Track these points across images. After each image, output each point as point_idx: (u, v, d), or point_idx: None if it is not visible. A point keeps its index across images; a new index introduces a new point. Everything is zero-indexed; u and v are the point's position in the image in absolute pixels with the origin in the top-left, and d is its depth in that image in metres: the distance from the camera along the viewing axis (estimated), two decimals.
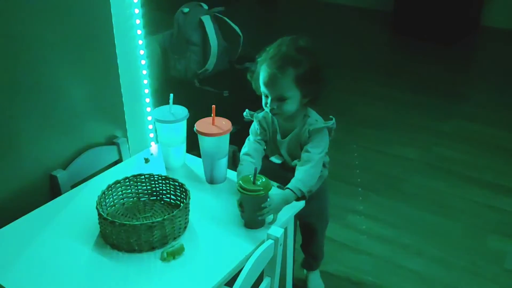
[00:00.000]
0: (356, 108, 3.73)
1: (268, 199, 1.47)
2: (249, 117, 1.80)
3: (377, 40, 5.16)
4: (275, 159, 1.83)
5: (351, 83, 4.13)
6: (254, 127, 1.80)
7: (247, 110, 1.81)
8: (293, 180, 1.62)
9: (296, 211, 1.57)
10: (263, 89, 1.67)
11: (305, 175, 1.64)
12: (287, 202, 1.55)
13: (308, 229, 2.05)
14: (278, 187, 1.66)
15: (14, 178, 1.62)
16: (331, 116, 1.73)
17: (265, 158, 1.84)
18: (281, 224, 1.48)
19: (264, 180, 1.46)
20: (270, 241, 1.35)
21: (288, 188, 1.59)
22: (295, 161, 1.73)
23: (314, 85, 1.66)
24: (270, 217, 1.50)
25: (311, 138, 1.70)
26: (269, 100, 1.66)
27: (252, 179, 1.46)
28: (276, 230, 1.38)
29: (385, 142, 3.31)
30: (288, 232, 1.60)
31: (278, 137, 1.78)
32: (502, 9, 5.15)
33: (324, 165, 1.83)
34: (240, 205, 1.48)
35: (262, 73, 1.65)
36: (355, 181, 2.93)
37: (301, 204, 1.59)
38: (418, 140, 3.34)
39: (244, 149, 1.76)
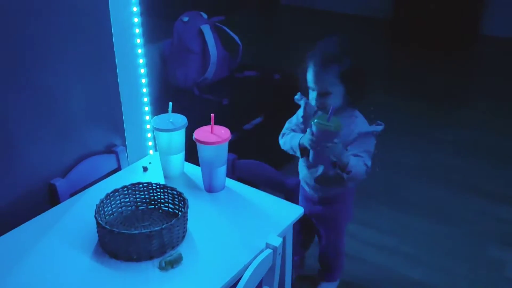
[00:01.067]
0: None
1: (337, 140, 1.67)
2: (299, 100, 1.91)
3: (377, 48, 5.17)
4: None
5: None
6: (299, 112, 1.93)
7: (299, 93, 1.91)
8: (355, 158, 1.77)
9: (295, 220, 1.56)
10: (310, 83, 1.79)
11: (360, 166, 1.77)
12: (342, 156, 1.72)
13: (324, 233, 2.09)
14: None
15: (13, 186, 1.61)
16: (379, 122, 1.87)
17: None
18: (280, 233, 1.48)
19: (336, 119, 1.65)
20: (269, 251, 1.35)
21: (349, 155, 1.75)
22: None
23: (358, 83, 1.79)
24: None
25: (360, 140, 1.81)
26: (314, 94, 1.78)
27: (327, 117, 1.64)
28: (274, 240, 1.37)
29: (385, 149, 3.31)
30: (287, 241, 1.60)
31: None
32: (501, 18, 5.17)
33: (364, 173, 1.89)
34: (312, 134, 1.68)
35: (309, 69, 1.78)
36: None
37: (300, 211, 1.58)
38: (418, 147, 3.35)
39: (285, 127, 1.93)
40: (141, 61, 1.91)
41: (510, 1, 5.09)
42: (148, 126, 2.00)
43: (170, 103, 1.70)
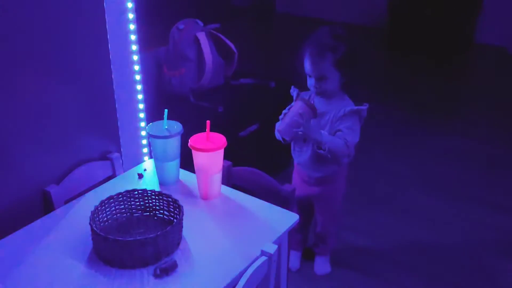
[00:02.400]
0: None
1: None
2: (293, 92, 2.09)
3: (372, 57, 5.19)
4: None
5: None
6: (291, 105, 2.05)
7: (292, 86, 2.10)
8: (330, 136, 1.94)
9: (290, 227, 1.56)
10: (307, 70, 1.97)
11: (337, 142, 1.93)
12: (314, 134, 1.90)
13: (319, 211, 2.27)
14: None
15: (7, 193, 1.60)
16: (365, 103, 2.00)
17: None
18: (275, 240, 1.48)
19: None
20: (264, 258, 1.35)
21: (324, 133, 1.92)
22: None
23: (351, 67, 1.96)
24: None
25: (345, 118, 1.96)
26: (312, 80, 1.97)
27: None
28: (269, 247, 1.37)
29: (379, 158, 3.32)
30: (282, 248, 1.59)
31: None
32: (495, 27, 5.21)
33: (349, 155, 2.05)
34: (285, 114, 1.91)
35: (306, 58, 1.97)
36: (348, 197, 2.92)
37: (295, 218, 1.58)
38: (412, 156, 3.35)
39: (280, 118, 2.04)
40: (136, 67, 1.91)
41: (504, 9, 5.13)
42: (143, 133, 2.00)
43: (166, 110, 1.70)
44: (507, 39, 5.15)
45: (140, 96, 1.96)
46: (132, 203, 1.57)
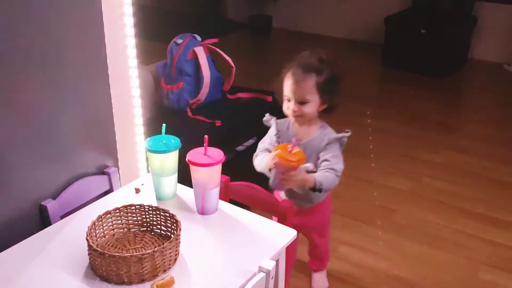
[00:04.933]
0: (347, 139, 3.75)
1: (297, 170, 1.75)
2: (269, 120, 2.04)
3: (367, 72, 5.22)
4: None
5: (342, 114, 4.14)
6: (271, 131, 2.03)
7: (267, 114, 2.04)
8: (319, 173, 1.87)
9: (288, 243, 1.55)
10: (287, 93, 1.89)
11: (328, 176, 1.87)
12: (305, 184, 1.82)
13: (316, 237, 2.23)
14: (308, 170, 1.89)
15: (3, 207, 1.59)
16: (346, 130, 1.97)
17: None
18: (273, 256, 1.47)
19: (299, 151, 1.67)
20: (262, 274, 1.34)
21: (314, 175, 1.84)
22: (305, 165, 1.89)
23: (332, 94, 1.91)
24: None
25: (329, 147, 1.92)
26: (291, 104, 1.88)
27: (289, 148, 1.68)
28: (267, 263, 1.36)
29: (376, 173, 3.32)
30: (280, 264, 1.59)
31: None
32: (490, 43, 5.25)
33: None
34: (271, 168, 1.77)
35: (287, 79, 1.89)
36: (346, 212, 2.93)
37: (293, 235, 1.57)
38: (409, 171, 3.36)
39: (259, 147, 2.01)
40: (134, 82, 1.92)
41: (498, 25, 5.18)
42: (141, 147, 1.99)
43: (164, 125, 1.70)
44: (502, 55, 5.19)
45: (138, 111, 1.96)
46: (129, 218, 1.57)
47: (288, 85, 1.89)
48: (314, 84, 1.86)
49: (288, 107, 1.91)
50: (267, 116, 2.04)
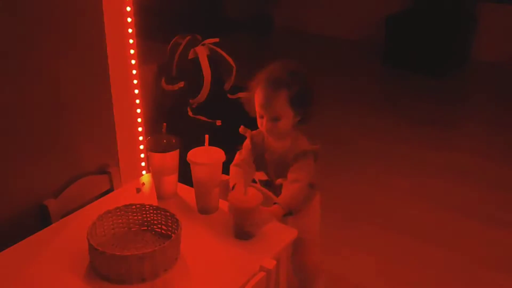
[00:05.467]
0: (348, 139, 3.75)
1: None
2: (244, 133, 1.92)
3: (369, 72, 5.22)
4: (261, 176, 1.92)
5: (343, 114, 4.16)
6: (246, 144, 1.92)
7: (242, 126, 1.92)
8: (281, 196, 1.75)
9: (289, 243, 1.55)
10: (259, 109, 1.78)
11: (293, 193, 1.75)
12: (275, 216, 1.65)
13: (302, 245, 2.01)
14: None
15: (4, 207, 1.60)
16: (316, 143, 1.85)
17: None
18: (274, 256, 1.47)
19: (255, 192, 1.53)
20: (263, 274, 1.34)
21: (276, 203, 1.70)
22: (280, 180, 1.82)
23: (305, 106, 1.79)
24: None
25: (297, 160, 1.79)
26: (264, 120, 1.77)
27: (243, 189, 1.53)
28: (268, 262, 1.36)
29: (378, 173, 3.32)
30: (281, 264, 1.58)
31: (267, 155, 1.87)
32: (491, 43, 5.24)
33: (312, 186, 1.92)
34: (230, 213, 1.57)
35: (258, 95, 1.77)
36: (347, 212, 2.92)
37: (294, 234, 1.57)
38: (409, 170, 3.35)
39: (234, 162, 1.89)
40: (135, 82, 1.92)
41: (499, 26, 5.17)
42: (141, 147, 1.99)
43: (164, 124, 1.70)
44: (503, 56, 5.18)
45: (138, 110, 1.96)
46: (130, 217, 1.57)
47: (259, 102, 1.77)
48: (286, 100, 1.74)
49: (261, 123, 1.80)
50: (242, 129, 1.93)
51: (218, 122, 2.78)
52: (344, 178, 3.28)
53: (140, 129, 1.98)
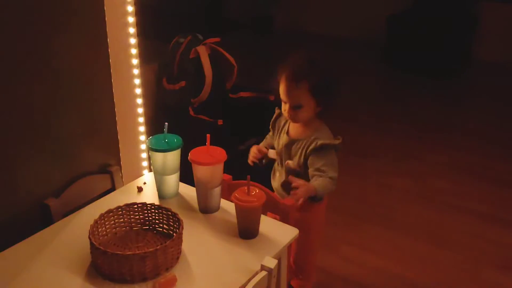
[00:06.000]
0: (350, 138, 3.74)
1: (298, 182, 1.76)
2: (277, 111, 2.03)
3: (369, 72, 5.21)
4: (272, 155, 2.02)
5: (344, 113, 4.15)
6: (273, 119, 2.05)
7: (277, 107, 2.02)
8: (316, 182, 1.83)
9: (290, 242, 1.55)
10: (282, 96, 1.88)
11: (325, 184, 1.84)
12: (307, 191, 1.78)
13: (306, 243, 2.08)
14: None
15: (6, 206, 1.60)
16: (338, 137, 1.92)
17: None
18: (275, 255, 1.47)
19: (258, 191, 1.53)
20: (264, 273, 1.34)
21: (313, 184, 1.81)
22: (289, 162, 1.93)
23: (327, 95, 1.87)
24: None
25: (321, 153, 1.86)
26: (287, 107, 1.88)
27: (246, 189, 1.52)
28: (269, 261, 1.36)
29: (379, 173, 3.32)
30: (282, 263, 1.59)
31: (285, 137, 1.96)
32: (494, 44, 5.24)
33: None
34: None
35: (282, 83, 1.88)
36: (349, 212, 2.92)
37: (295, 232, 1.57)
38: (412, 170, 3.35)
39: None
40: (137, 81, 1.92)
41: (500, 26, 5.16)
42: (143, 146, 2.00)
43: (166, 124, 1.70)
44: (505, 56, 5.18)
45: (140, 110, 1.96)
46: (132, 216, 1.57)
47: (282, 90, 1.88)
48: (307, 89, 1.83)
49: (284, 109, 1.90)
50: (276, 109, 2.05)
51: (220, 122, 2.78)
52: (344, 178, 3.27)
53: (141, 128, 1.98)
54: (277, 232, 1.57)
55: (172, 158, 1.70)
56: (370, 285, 2.38)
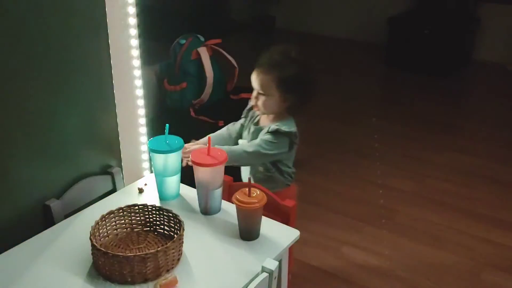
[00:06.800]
0: (350, 139, 3.75)
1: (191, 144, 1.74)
2: (248, 106, 2.03)
3: (370, 73, 5.22)
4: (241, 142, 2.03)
5: (345, 114, 4.16)
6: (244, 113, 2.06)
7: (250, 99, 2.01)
8: (231, 148, 1.83)
9: (291, 243, 1.55)
10: (252, 83, 1.89)
11: (239, 153, 1.82)
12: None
13: None
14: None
15: (7, 207, 1.60)
16: (294, 129, 1.89)
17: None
18: (276, 256, 1.47)
19: (258, 193, 1.53)
20: (265, 274, 1.34)
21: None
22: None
23: (296, 93, 1.85)
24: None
25: (268, 134, 1.86)
26: (255, 93, 1.89)
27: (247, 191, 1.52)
28: (270, 263, 1.36)
29: (380, 174, 3.32)
30: (283, 265, 1.59)
31: (253, 127, 1.97)
32: (493, 44, 5.24)
33: (287, 175, 1.98)
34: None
35: (254, 71, 1.89)
36: (349, 213, 2.93)
37: (296, 235, 1.58)
38: (412, 171, 3.35)
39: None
40: (138, 82, 1.92)
41: (501, 27, 5.16)
42: (144, 148, 2.00)
43: (167, 125, 1.70)
44: (505, 56, 5.18)
45: (141, 111, 1.96)
46: (133, 218, 1.57)
47: (252, 76, 1.90)
48: (274, 80, 1.83)
49: (253, 96, 1.92)
50: (249, 103, 2.03)
51: (220, 123, 2.79)
52: (344, 178, 3.28)
53: (142, 130, 1.98)
54: (278, 234, 1.57)
55: (173, 159, 1.70)
56: (370, 286, 2.38)
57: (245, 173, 2.03)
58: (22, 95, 1.57)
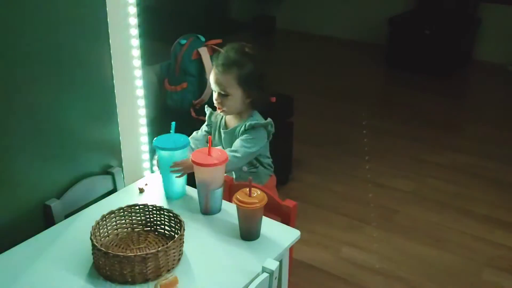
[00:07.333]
0: (351, 140, 3.75)
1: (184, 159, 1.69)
2: (207, 112, 2.06)
3: (371, 73, 5.22)
4: None
5: (345, 114, 4.16)
6: (203, 126, 2.07)
7: (206, 106, 2.07)
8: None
9: (292, 243, 1.56)
10: (212, 85, 1.92)
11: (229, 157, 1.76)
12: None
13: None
14: None
15: (7, 207, 1.60)
16: (269, 119, 1.93)
17: None
18: (276, 256, 1.47)
19: (259, 193, 1.53)
20: (265, 275, 1.34)
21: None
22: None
23: (256, 88, 1.89)
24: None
25: (246, 132, 1.88)
26: (216, 95, 1.91)
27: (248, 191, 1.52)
28: (271, 263, 1.37)
29: (380, 174, 3.32)
30: (283, 265, 1.59)
31: (222, 131, 1.98)
32: (494, 44, 5.24)
33: (268, 166, 2.03)
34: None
35: (212, 71, 1.91)
36: (349, 213, 2.93)
37: (297, 235, 1.58)
38: (412, 172, 3.35)
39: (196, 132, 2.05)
40: (139, 82, 1.92)
41: (502, 27, 5.17)
42: (145, 147, 2.00)
43: (173, 123, 1.71)
44: (505, 56, 5.18)
45: (142, 111, 1.96)
46: (133, 217, 1.57)
47: (211, 77, 1.91)
48: (235, 78, 1.86)
49: (214, 98, 1.93)
50: (206, 108, 2.07)
51: None
52: (344, 178, 3.28)
53: (143, 129, 1.98)
54: (279, 234, 1.57)
55: (179, 157, 1.70)
56: (370, 286, 2.38)
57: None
58: (22, 95, 1.58)
